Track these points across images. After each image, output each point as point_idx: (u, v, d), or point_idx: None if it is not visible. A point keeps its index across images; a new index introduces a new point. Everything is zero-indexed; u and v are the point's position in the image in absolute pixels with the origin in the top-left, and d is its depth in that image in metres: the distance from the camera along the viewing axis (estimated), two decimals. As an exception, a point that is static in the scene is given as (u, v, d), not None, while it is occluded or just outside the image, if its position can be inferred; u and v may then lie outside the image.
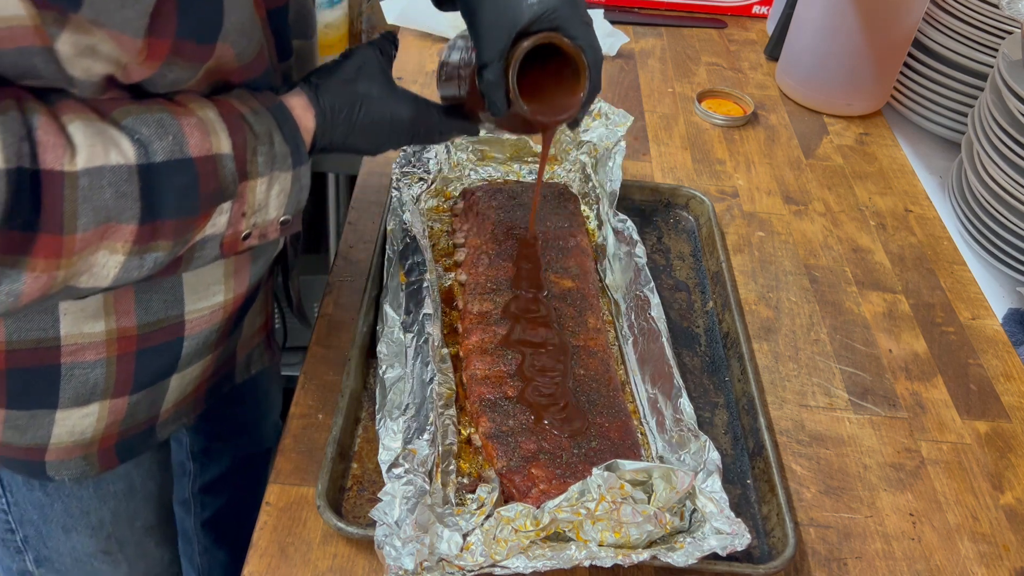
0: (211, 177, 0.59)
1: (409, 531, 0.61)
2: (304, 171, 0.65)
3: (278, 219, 0.65)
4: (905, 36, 1.22)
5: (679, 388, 0.77)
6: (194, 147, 0.58)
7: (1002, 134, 1.02)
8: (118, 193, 0.54)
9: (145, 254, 0.58)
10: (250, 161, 0.61)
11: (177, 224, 0.58)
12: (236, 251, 0.64)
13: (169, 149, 0.57)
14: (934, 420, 0.85)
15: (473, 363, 0.79)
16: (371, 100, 0.68)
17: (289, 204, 0.65)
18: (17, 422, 0.71)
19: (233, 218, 0.62)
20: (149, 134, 0.56)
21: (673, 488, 0.64)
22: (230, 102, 0.62)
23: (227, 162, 0.59)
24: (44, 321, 0.66)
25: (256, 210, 0.63)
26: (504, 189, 0.98)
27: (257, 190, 0.62)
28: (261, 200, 0.63)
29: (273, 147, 0.62)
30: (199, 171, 0.58)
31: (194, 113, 0.59)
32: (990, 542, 0.75)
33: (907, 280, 1.01)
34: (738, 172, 1.15)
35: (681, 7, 1.52)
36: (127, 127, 0.56)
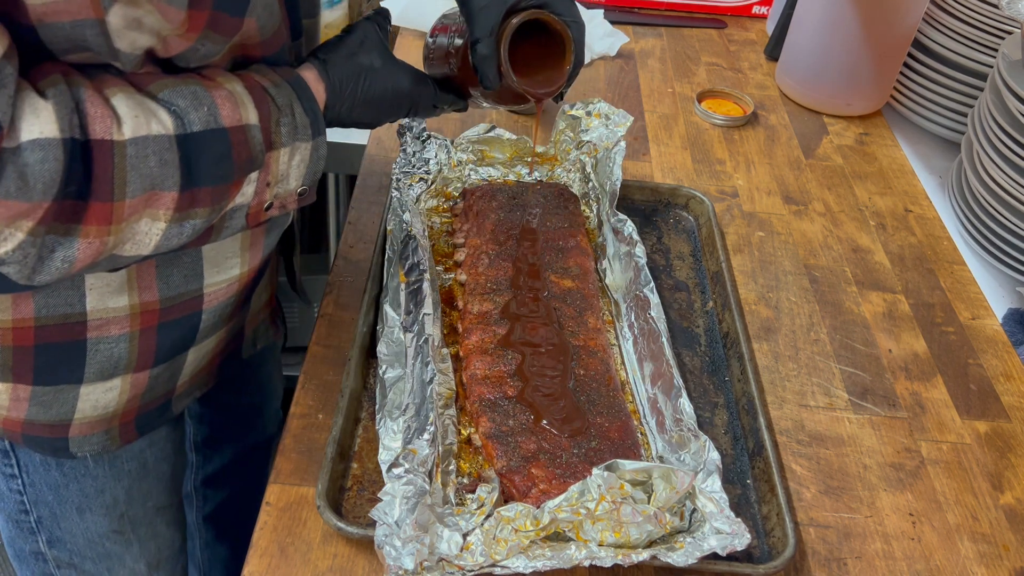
0: (243, 146, 0.62)
1: (409, 531, 0.61)
2: (321, 141, 0.68)
3: (296, 190, 0.68)
4: (905, 36, 1.22)
5: (679, 388, 0.77)
6: (227, 117, 0.60)
7: (1002, 134, 1.02)
8: (161, 161, 0.57)
9: (184, 221, 0.60)
10: (274, 132, 0.64)
11: (214, 192, 0.61)
12: (259, 221, 0.67)
13: (205, 119, 0.59)
14: (934, 420, 0.85)
15: (473, 363, 0.79)
16: (374, 72, 0.72)
17: (308, 174, 0.68)
18: (43, 398, 0.73)
19: (259, 188, 0.65)
20: (185, 105, 0.59)
21: (673, 488, 0.64)
22: (252, 76, 0.65)
23: (255, 132, 0.62)
24: (71, 296, 0.68)
25: (279, 180, 0.66)
26: (504, 189, 0.98)
27: (280, 160, 0.65)
28: (283, 170, 0.66)
29: (295, 118, 0.65)
30: (232, 140, 0.61)
31: (223, 86, 0.62)
32: (990, 542, 0.75)
33: (907, 280, 1.01)
34: (738, 172, 1.15)
35: (681, 7, 1.52)
36: (164, 99, 0.58)
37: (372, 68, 0.72)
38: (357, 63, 0.71)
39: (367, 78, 0.71)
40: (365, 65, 0.72)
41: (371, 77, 0.72)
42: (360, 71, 0.71)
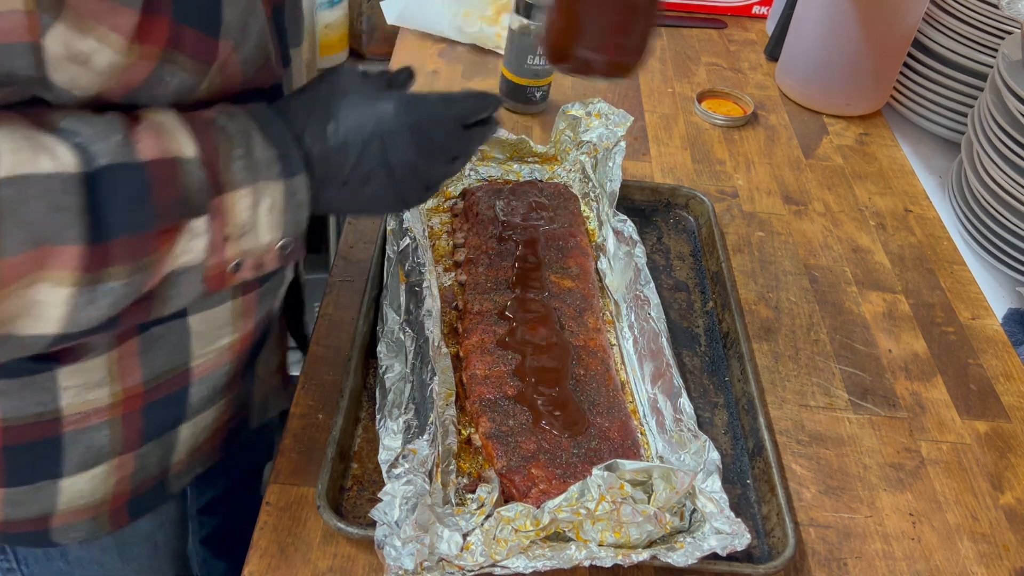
0: (168, 184, 0.50)
1: (409, 531, 0.61)
2: (299, 183, 0.55)
3: (275, 243, 0.56)
4: (905, 36, 1.22)
5: (679, 388, 0.77)
6: (144, 150, 0.49)
7: (1002, 134, 1.02)
8: (52, 206, 0.45)
9: (97, 285, 0.48)
10: (224, 168, 0.52)
11: (131, 243, 0.49)
12: (224, 285, 0.55)
13: (114, 151, 0.48)
14: (934, 420, 0.85)
15: (473, 363, 0.79)
16: (349, 106, 0.59)
17: (286, 224, 0.56)
18: (18, 498, 0.66)
19: (214, 243, 0.53)
20: (92, 134, 0.48)
21: (673, 488, 0.64)
22: (200, 111, 0.54)
23: (191, 167, 0.51)
24: (42, 397, 0.60)
25: (243, 232, 0.54)
26: (504, 189, 0.98)
27: (238, 205, 0.53)
28: (247, 219, 0.53)
29: (252, 152, 0.53)
30: (151, 176, 0.49)
31: (148, 116, 0.51)
32: (990, 542, 0.75)
33: (907, 280, 1.01)
34: (738, 172, 1.15)
35: (681, 7, 1.52)
36: (65, 129, 0.47)
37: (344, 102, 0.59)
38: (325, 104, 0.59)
39: (340, 118, 0.58)
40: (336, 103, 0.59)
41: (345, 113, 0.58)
42: (328, 113, 0.58)
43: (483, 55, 1.33)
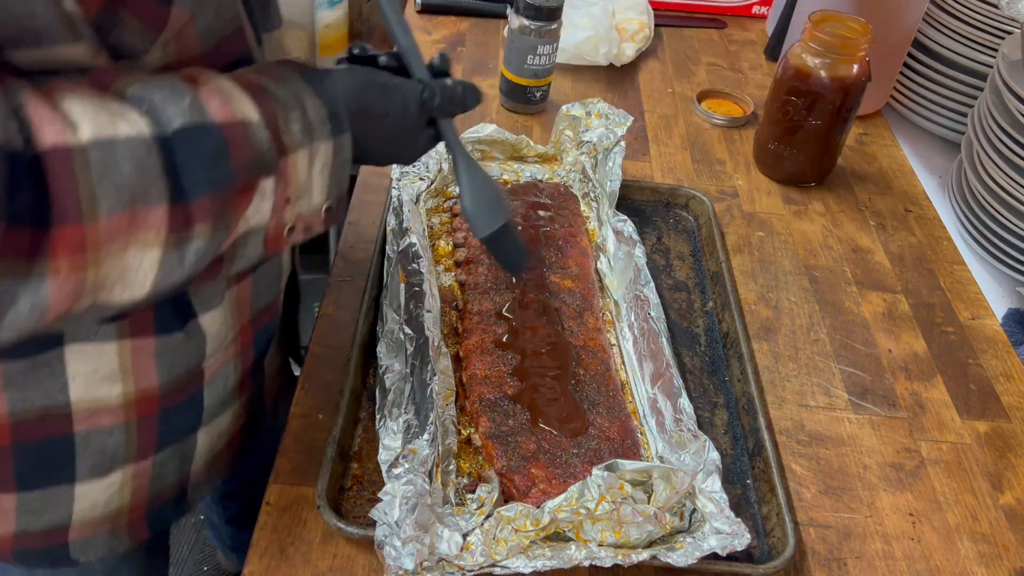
0: (243, 144, 0.51)
1: (409, 531, 0.61)
2: (345, 141, 0.57)
3: (323, 204, 0.58)
4: (905, 36, 1.22)
5: (679, 388, 0.77)
6: (215, 112, 0.50)
7: (1002, 134, 1.02)
8: (139, 168, 0.46)
9: (184, 245, 0.50)
10: (284, 131, 0.53)
11: (214, 200, 0.50)
12: (280, 247, 0.57)
13: (187, 113, 0.49)
14: (934, 420, 0.85)
15: (473, 363, 0.79)
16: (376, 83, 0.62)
17: (332, 183, 0.58)
18: (31, 505, 0.64)
19: (277, 204, 0.54)
20: (161, 99, 0.48)
21: (673, 488, 0.64)
22: (246, 75, 0.55)
23: (259, 130, 0.52)
24: (51, 386, 0.59)
25: (300, 194, 0.56)
26: (504, 189, 0.98)
27: (299, 167, 0.55)
28: (304, 180, 0.55)
29: (307, 112, 0.55)
30: (227, 136, 0.50)
31: (209, 82, 0.51)
32: (990, 542, 0.75)
33: (907, 280, 1.01)
34: (738, 172, 1.15)
35: (681, 7, 1.52)
36: (133, 96, 0.48)
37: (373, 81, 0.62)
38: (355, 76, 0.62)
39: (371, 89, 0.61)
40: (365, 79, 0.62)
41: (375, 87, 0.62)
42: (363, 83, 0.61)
43: (483, 55, 1.33)
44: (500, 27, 1.40)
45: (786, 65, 1.07)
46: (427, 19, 1.42)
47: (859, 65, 1.04)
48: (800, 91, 1.06)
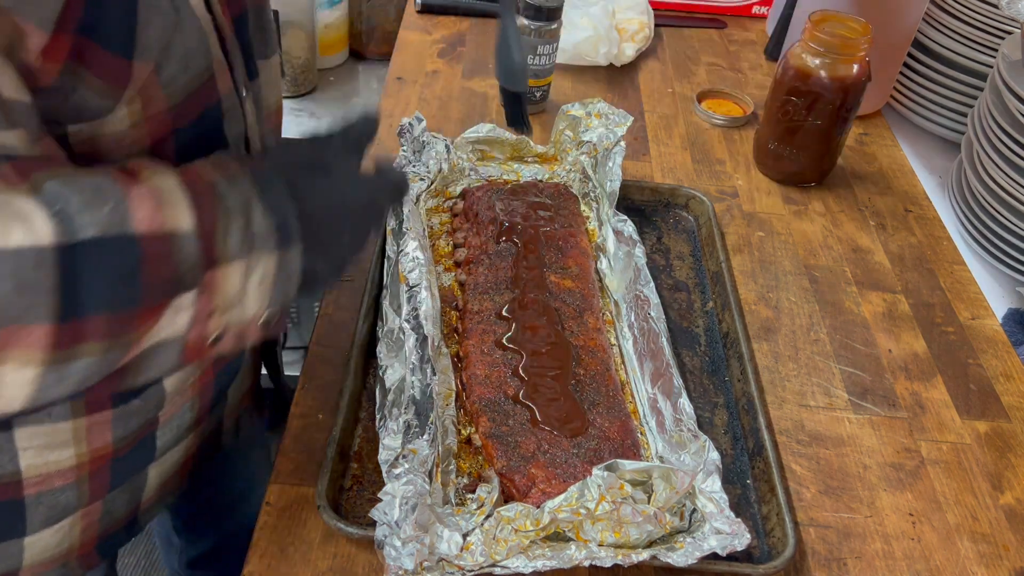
0: (162, 260, 0.46)
1: (409, 531, 0.61)
2: (293, 255, 0.52)
3: (260, 315, 0.53)
4: (905, 36, 1.22)
5: (679, 388, 0.77)
6: (140, 221, 0.45)
7: (1002, 134, 1.02)
8: (20, 285, 0.41)
9: (67, 363, 0.44)
10: (220, 241, 0.49)
11: (111, 319, 0.45)
12: (202, 356, 0.52)
13: (104, 222, 0.44)
14: (934, 420, 0.85)
15: (473, 363, 0.79)
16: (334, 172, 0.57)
17: (274, 296, 0.52)
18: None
19: (198, 316, 0.49)
20: (78, 203, 0.43)
21: (673, 488, 0.64)
22: (197, 169, 0.51)
23: (187, 243, 0.47)
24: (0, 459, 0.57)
25: (230, 306, 0.50)
26: (504, 189, 0.98)
27: (231, 279, 0.50)
28: (236, 292, 0.50)
29: (251, 222, 0.50)
30: (144, 252, 0.45)
31: (146, 180, 0.47)
32: (990, 542, 0.75)
33: (907, 280, 1.01)
34: (738, 172, 1.15)
35: (681, 7, 1.52)
36: (48, 193, 0.43)
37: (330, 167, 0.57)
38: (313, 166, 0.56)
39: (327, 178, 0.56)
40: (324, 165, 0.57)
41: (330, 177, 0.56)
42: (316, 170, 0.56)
43: (483, 55, 1.33)
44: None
45: (786, 65, 1.07)
46: (427, 19, 1.42)
47: (859, 65, 1.04)
48: (800, 91, 1.06)
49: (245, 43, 0.61)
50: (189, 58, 0.52)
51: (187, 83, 0.53)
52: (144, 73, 0.49)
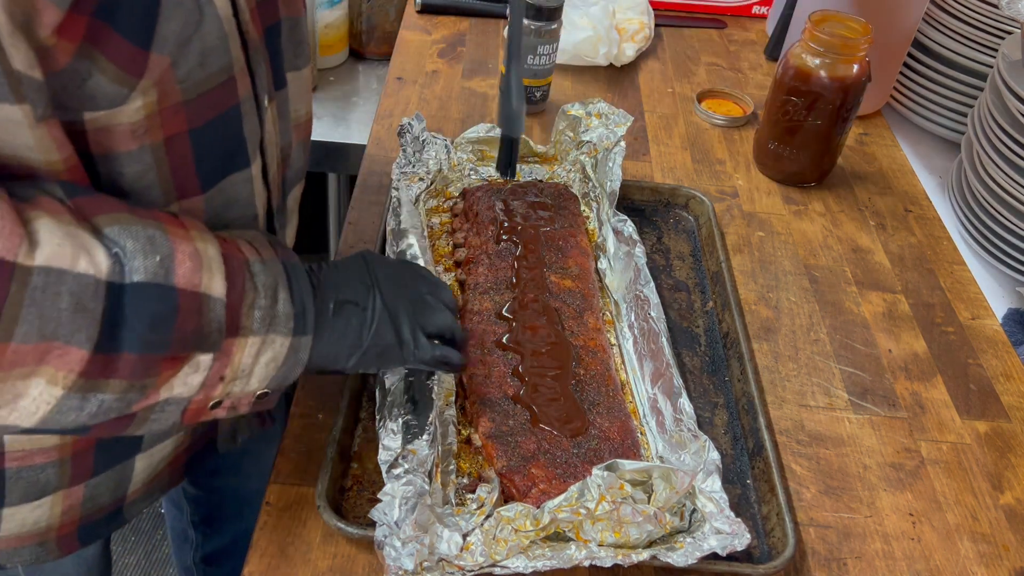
0: (193, 315, 0.51)
1: (409, 531, 0.61)
2: (305, 343, 0.58)
3: (258, 392, 0.58)
4: (905, 36, 1.22)
5: (679, 388, 0.77)
6: (181, 277, 0.50)
7: (1002, 134, 1.02)
8: (77, 306, 0.46)
9: (90, 393, 0.49)
10: (245, 314, 0.54)
11: (139, 362, 0.49)
12: (199, 419, 0.56)
13: (152, 271, 0.49)
14: (934, 420, 0.85)
15: (473, 363, 0.79)
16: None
17: (277, 378, 0.58)
18: None
19: (210, 380, 0.54)
20: (133, 249, 0.49)
21: (673, 488, 0.64)
22: (236, 243, 0.56)
23: (216, 306, 0.52)
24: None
25: (238, 376, 0.55)
26: (504, 189, 0.98)
27: (245, 351, 0.55)
28: (246, 365, 0.55)
29: (276, 305, 0.56)
30: (180, 304, 0.50)
31: (192, 241, 0.52)
32: (990, 542, 0.75)
33: (907, 280, 1.01)
34: (738, 172, 1.15)
35: (681, 7, 1.52)
36: (109, 236, 0.48)
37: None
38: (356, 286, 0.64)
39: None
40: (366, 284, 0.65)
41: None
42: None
43: (483, 55, 1.33)
44: (500, 27, 1.40)
45: (786, 65, 1.07)
46: (427, 19, 1.42)
47: (859, 65, 1.04)
48: (800, 91, 1.06)
49: (275, 52, 0.62)
50: (207, 56, 0.54)
51: (204, 81, 0.54)
52: (161, 65, 0.51)
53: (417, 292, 0.69)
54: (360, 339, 0.63)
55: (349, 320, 0.63)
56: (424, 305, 0.68)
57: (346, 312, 0.63)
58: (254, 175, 0.63)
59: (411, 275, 0.70)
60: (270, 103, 0.63)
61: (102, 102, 0.50)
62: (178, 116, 0.54)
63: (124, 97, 0.50)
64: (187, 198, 0.58)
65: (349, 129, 1.39)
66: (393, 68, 1.28)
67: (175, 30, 0.50)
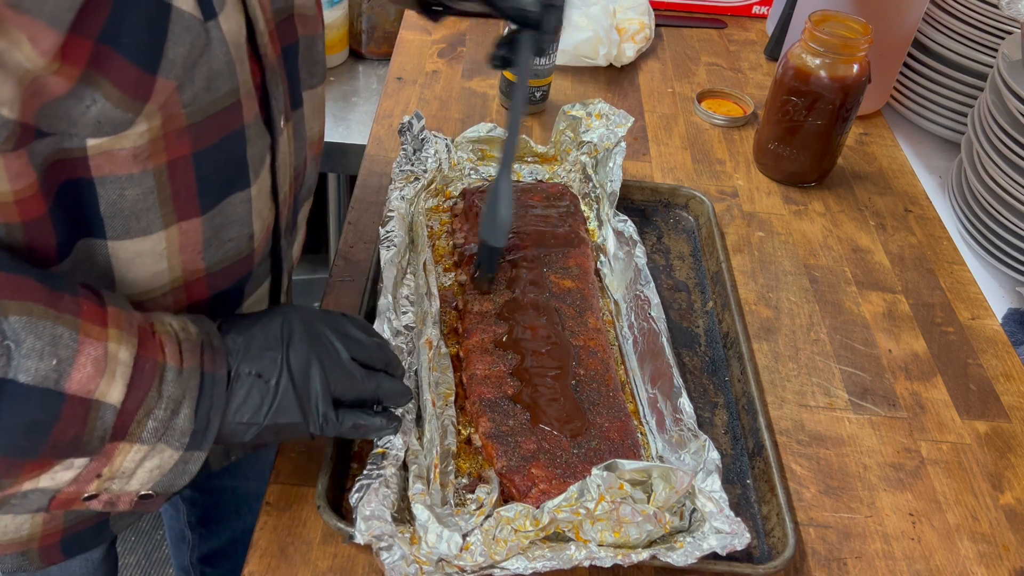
0: (76, 423, 0.49)
1: (408, 532, 0.61)
2: (197, 457, 0.56)
3: (138, 492, 0.55)
4: (905, 36, 1.22)
5: (679, 388, 0.77)
6: (75, 382, 0.48)
7: (1002, 134, 1.02)
8: None
9: None
10: (138, 422, 0.52)
11: (1, 463, 0.48)
12: (68, 508, 0.55)
13: (44, 374, 0.47)
14: (934, 420, 0.85)
15: (473, 363, 0.79)
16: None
17: (161, 483, 0.55)
18: None
19: (83, 476, 0.52)
20: (31, 347, 0.46)
21: (673, 488, 0.64)
22: (164, 344, 0.53)
23: (106, 413, 0.50)
24: None
25: (116, 477, 0.53)
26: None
27: (128, 456, 0.53)
28: (128, 468, 0.53)
29: (175, 418, 0.53)
30: (64, 411, 0.48)
31: (107, 342, 0.50)
32: (990, 542, 0.75)
33: (907, 280, 1.01)
34: (738, 172, 1.15)
35: (681, 7, 1.52)
36: (8, 326, 0.46)
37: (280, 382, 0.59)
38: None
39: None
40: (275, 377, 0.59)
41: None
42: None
43: (483, 55, 1.33)
44: (500, 27, 1.40)
45: (786, 65, 1.07)
46: (427, 19, 1.42)
47: (859, 65, 1.04)
48: (800, 91, 1.06)
49: (292, 72, 0.61)
50: (213, 80, 0.53)
51: (209, 105, 0.54)
52: (167, 90, 0.50)
53: (336, 356, 0.62)
54: (259, 416, 0.59)
55: (250, 394, 0.58)
56: (342, 372, 0.62)
57: (247, 385, 0.58)
58: (254, 195, 0.62)
59: (334, 334, 0.63)
60: (286, 124, 0.62)
61: (106, 127, 0.49)
62: (182, 140, 0.53)
63: (129, 122, 0.49)
64: (186, 219, 0.58)
65: (349, 129, 1.40)
66: (393, 68, 1.28)
67: (182, 54, 0.50)
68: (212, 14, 0.51)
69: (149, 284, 0.59)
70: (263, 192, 0.63)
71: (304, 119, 0.66)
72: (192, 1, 0.50)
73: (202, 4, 0.50)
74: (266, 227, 0.66)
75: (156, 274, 0.59)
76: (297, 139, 0.66)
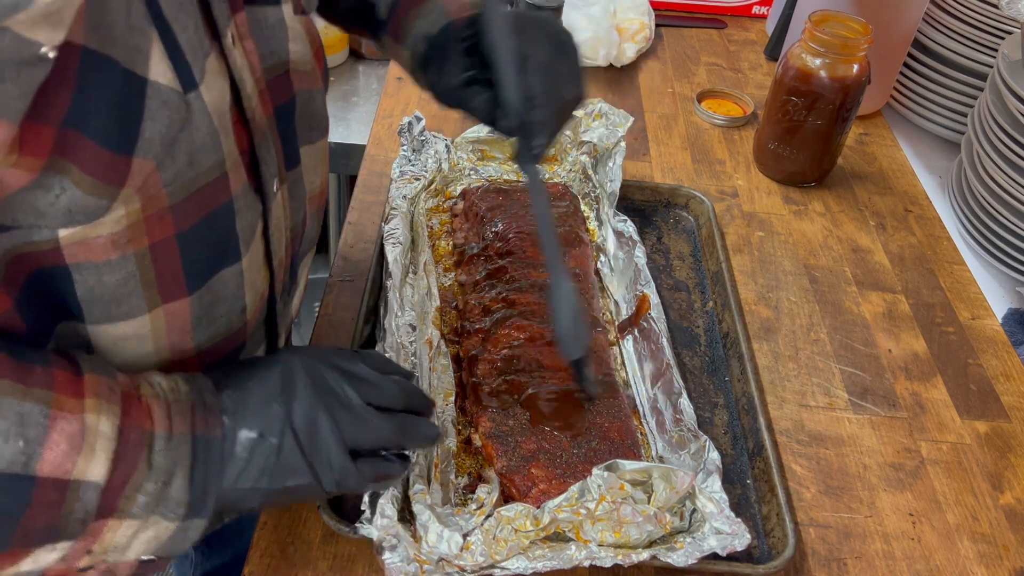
0: (49, 508, 0.44)
1: (408, 532, 0.61)
2: (197, 524, 0.51)
3: (138, 558, 0.51)
4: (905, 36, 1.22)
5: (679, 388, 0.77)
6: (48, 463, 0.44)
7: (1002, 134, 1.02)
8: None
9: None
10: (127, 497, 0.47)
11: None
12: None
13: (10, 458, 0.43)
14: (934, 420, 0.85)
15: (473, 363, 0.79)
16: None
17: (160, 551, 0.51)
18: None
19: (71, 555, 0.48)
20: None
21: (673, 488, 0.64)
22: (152, 409, 0.49)
23: (87, 492, 0.46)
24: None
25: (109, 551, 0.49)
26: (504, 189, 0.98)
27: (119, 532, 0.48)
28: (120, 543, 0.49)
29: (168, 489, 0.49)
30: (34, 497, 0.44)
31: (84, 414, 0.45)
32: (990, 542, 0.75)
33: (907, 280, 1.01)
34: (738, 172, 1.15)
35: (681, 7, 1.52)
36: None
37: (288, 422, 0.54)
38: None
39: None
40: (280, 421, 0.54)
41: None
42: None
43: (483, 55, 1.33)
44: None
45: (786, 65, 1.07)
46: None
47: (859, 65, 1.04)
48: (800, 91, 1.06)
49: (286, 131, 0.58)
50: (196, 155, 0.49)
51: (192, 181, 0.50)
52: (145, 171, 0.46)
53: (347, 402, 0.57)
54: (264, 480, 0.54)
55: (252, 457, 0.53)
56: (353, 419, 0.56)
57: (248, 448, 0.53)
58: (245, 267, 0.57)
59: (343, 377, 0.58)
60: (280, 186, 0.58)
61: (79, 217, 0.45)
62: (164, 221, 0.49)
63: (104, 209, 0.45)
64: (173, 301, 0.53)
65: (349, 129, 1.40)
66: (393, 68, 1.28)
67: (160, 131, 0.46)
68: (192, 84, 0.47)
69: (134, 367, 0.55)
70: (255, 262, 0.59)
71: (303, 176, 0.62)
72: (170, 72, 0.45)
73: (181, 75, 0.46)
74: (260, 296, 0.62)
75: (142, 356, 0.55)
76: (294, 199, 0.62)
